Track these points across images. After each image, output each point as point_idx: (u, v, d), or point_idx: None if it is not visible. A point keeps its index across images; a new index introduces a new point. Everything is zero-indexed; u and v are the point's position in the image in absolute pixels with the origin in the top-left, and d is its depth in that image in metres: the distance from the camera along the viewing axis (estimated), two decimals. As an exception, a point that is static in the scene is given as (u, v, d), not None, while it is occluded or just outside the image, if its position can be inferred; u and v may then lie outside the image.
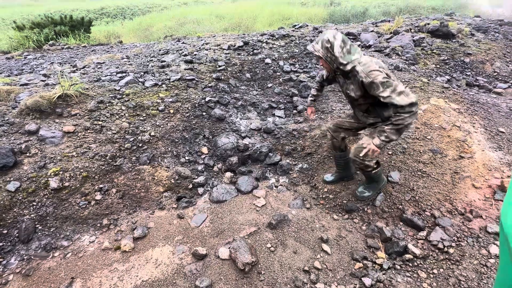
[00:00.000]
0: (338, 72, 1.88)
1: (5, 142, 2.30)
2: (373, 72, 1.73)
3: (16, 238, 1.92)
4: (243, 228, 2.13)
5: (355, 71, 1.79)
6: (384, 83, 1.71)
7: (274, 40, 4.86)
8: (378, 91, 1.73)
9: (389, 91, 1.70)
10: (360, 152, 1.95)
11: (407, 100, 1.68)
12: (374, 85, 1.72)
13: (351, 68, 1.80)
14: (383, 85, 1.71)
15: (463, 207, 2.14)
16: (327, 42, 1.78)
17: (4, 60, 5.80)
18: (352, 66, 1.79)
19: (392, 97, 1.70)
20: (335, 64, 1.83)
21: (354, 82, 1.85)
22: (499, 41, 5.29)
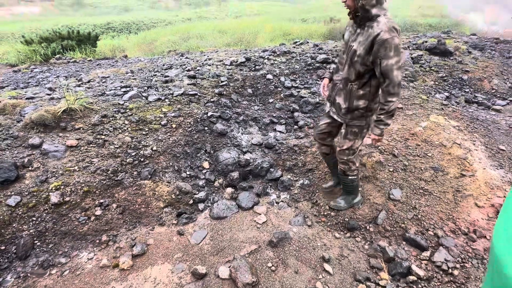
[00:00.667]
0: (359, 13, 1.62)
1: (8, 155, 2.32)
2: (394, 32, 1.55)
3: (13, 254, 1.90)
4: (243, 246, 2.10)
5: (376, 21, 1.59)
6: (397, 49, 1.56)
7: (276, 56, 4.97)
8: (387, 52, 1.54)
9: (395, 60, 1.57)
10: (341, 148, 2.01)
11: (399, 78, 1.61)
12: (387, 44, 1.54)
13: (374, 15, 1.59)
14: (395, 49, 1.55)
15: (466, 226, 2.11)
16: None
17: (11, 73, 5.92)
18: (378, 13, 1.59)
19: (395, 68, 1.58)
20: (361, 1, 1.57)
21: (365, 34, 1.64)
22: (496, 59, 5.40)
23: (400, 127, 3.10)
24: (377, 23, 1.59)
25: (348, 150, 2.04)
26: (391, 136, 2.96)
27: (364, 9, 1.59)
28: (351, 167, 2.12)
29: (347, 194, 2.35)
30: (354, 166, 2.12)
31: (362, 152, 2.77)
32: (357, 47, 1.69)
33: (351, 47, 1.73)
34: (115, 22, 17.51)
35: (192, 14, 21.96)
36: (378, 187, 2.49)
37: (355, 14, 1.66)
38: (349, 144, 2.01)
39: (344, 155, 2.07)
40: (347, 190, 2.32)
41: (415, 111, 3.33)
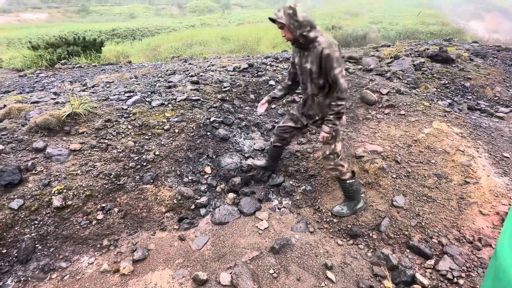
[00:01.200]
0: (301, 40, 1.88)
1: (12, 159, 2.34)
2: (333, 47, 1.86)
3: (14, 258, 1.89)
4: (245, 252, 2.08)
5: (316, 42, 1.87)
6: (339, 60, 1.85)
7: (278, 62, 5.01)
8: (331, 64, 1.84)
9: (339, 69, 1.86)
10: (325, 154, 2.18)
11: (345, 85, 1.89)
12: (330, 58, 1.83)
13: (314, 37, 1.86)
14: (337, 61, 1.84)
15: (471, 234, 2.09)
16: (289, 8, 1.81)
17: (17, 78, 6.01)
18: (316, 35, 1.86)
19: (339, 76, 1.86)
20: (298, 32, 1.83)
21: (312, 54, 1.91)
22: (498, 66, 5.40)
23: (402, 133, 3.09)
24: (318, 43, 1.88)
25: (332, 155, 2.18)
26: (393, 143, 2.96)
27: (303, 36, 1.87)
28: (342, 171, 2.20)
29: (349, 200, 2.35)
30: (344, 168, 2.21)
31: (365, 158, 2.76)
32: (311, 66, 1.97)
33: (306, 67, 2.01)
34: (120, 28, 17.81)
35: (196, 21, 22.30)
36: (381, 194, 2.48)
37: (298, 43, 1.93)
38: (331, 148, 2.16)
39: (330, 160, 2.20)
40: (348, 195, 2.33)
41: (418, 118, 3.33)
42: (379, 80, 4.30)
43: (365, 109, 3.71)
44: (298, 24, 1.82)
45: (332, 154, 2.16)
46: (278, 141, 2.53)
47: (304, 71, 2.04)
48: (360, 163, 2.75)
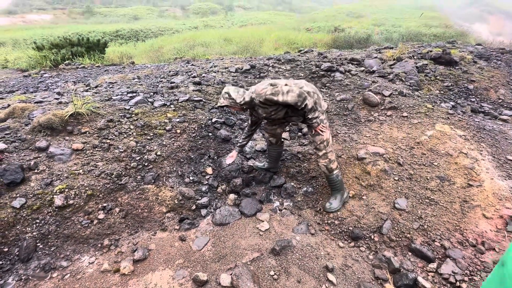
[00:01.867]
0: (245, 107, 2.28)
1: (15, 158, 2.35)
2: (262, 91, 2.13)
3: (16, 256, 1.90)
4: (245, 253, 2.07)
5: (253, 100, 2.22)
6: (274, 92, 2.08)
7: (280, 64, 5.02)
8: (274, 97, 2.07)
9: (280, 95, 2.06)
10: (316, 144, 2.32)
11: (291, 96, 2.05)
12: (268, 97, 2.09)
13: (250, 99, 2.21)
14: (274, 94, 2.08)
15: (474, 238, 2.06)
16: (225, 93, 2.24)
17: (21, 78, 6.06)
18: (250, 97, 2.20)
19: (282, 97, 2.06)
20: (238, 105, 2.23)
21: (257, 107, 2.24)
22: (502, 69, 5.36)
23: (405, 135, 3.07)
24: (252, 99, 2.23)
25: (322, 144, 2.29)
26: (396, 145, 2.94)
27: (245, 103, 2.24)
28: (331, 158, 2.32)
29: (336, 193, 2.44)
30: (332, 156, 2.34)
31: (367, 160, 2.75)
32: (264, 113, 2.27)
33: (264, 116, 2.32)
34: (124, 30, 17.95)
35: (199, 23, 22.42)
36: (383, 196, 2.46)
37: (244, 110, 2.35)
38: (320, 137, 2.27)
39: (320, 150, 2.31)
40: (335, 188, 2.42)
41: (421, 120, 3.31)
42: (382, 82, 4.28)
43: (368, 111, 3.69)
44: (234, 100, 2.21)
45: (322, 142, 2.28)
46: (270, 136, 2.63)
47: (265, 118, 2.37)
48: (362, 165, 2.73)
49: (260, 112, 2.27)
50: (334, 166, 2.33)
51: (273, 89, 2.08)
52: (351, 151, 2.92)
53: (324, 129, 2.25)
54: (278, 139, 2.66)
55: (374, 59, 5.24)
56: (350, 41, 12.75)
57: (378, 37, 13.72)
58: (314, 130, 2.25)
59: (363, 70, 4.83)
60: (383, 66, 5.02)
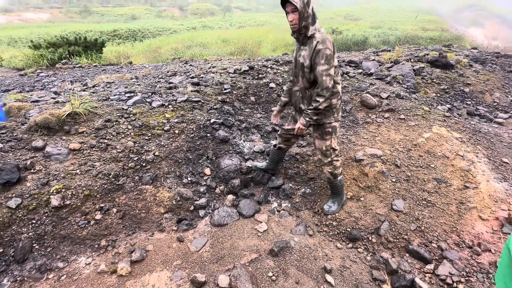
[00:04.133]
0: (302, 32, 1.93)
1: (11, 157, 2.32)
2: (327, 44, 1.88)
3: (11, 257, 1.87)
4: (244, 254, 2.07)
5: (313, 37, 1.92)
6: (327, 57, 1.87)
7: (279, 65, 5.03)
8: (318, 59, 1.87)
9: (325, 67, 1.88)
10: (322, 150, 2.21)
11: (328, 83, 1.90)
12: (320, 53, 1.87)
13: (312, 33, 1.91)
14: (326, 58, 1.86)
15: (470, 239, 2.08)
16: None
17: (17, 77, 6.00)
18: (314, 31, 1.91)
19: (324, 74, 1.88)
20: (304, 22, 1.87)
21: (308, 49, 1.95)
22: (497, 73, 5.44)
23: (402, 137, 3.10)
24: (314, 38, 1.92)
25: (328, 151, 2.21)
26: (393, 147, 2.96)
27: (307, 28, 1.91)
28: (336, 165, 2.26)
29: (336, 196, 2.44)
30: (338, 163, 2.27)
31: (365, 162, 2.77)
32: (304, 60, 2.00)
33: (299, 61, 2.06)
34: (122, 29, 17.87)
35: (197, 23, 22.41)
36: (380, 198, 2.47)
37: (299, 33, 1.96)
38: (327, 143, 2.19)
39: (327, 156, 2.23)
40: (336, 192, 2.40)
41: (418, 122, 3.34)
42: (379, 84, 4.31)
43: (365, 113, 3.72)
44: (307, 15, 1.86)
45: (329, 149, 2.20)
46: (282, 142, 2.57)
47: (297, 65, 2.08)
48: (360, 166, 2.75)
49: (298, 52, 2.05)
50: (338, 172, 2.29)
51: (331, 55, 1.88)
52: (349, 152, 2.94)
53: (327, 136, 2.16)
54: (289, 147, 2.62)
55: (372, 62, 5.29)
56: (348, 44, 12.84)
57: (376, 39, 13.84)
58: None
59: (360, 72, 4.87)
60: (380, 69, 5.06)
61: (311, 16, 1.88)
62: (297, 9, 1.85)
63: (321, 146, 2.21)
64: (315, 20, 1.92)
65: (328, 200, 2.49)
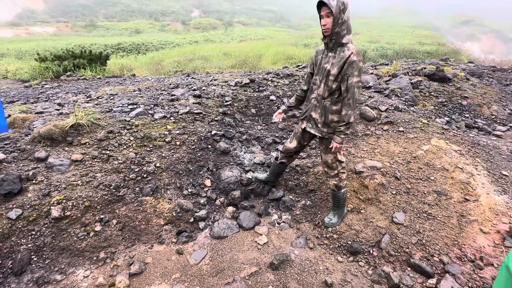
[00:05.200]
0: (334, 37, 1.88)
1: (14, 168, 2.35)
2: (360, 56, 1.88)
3: (9, 269, 1.86)
4: (243, 267, 2.05)
5: (346, 46, 1.89)
6: (360, 70, 1.88)
7: (279, 78, 5.13)
8: (352, 70, 1.86)
9: (358, 79, 1.88)
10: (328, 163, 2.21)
11: (358, 96, 1.93)
12: (355, 65, 1.85)
13: (345, 42, 1.88)
14: (359, 70, 1.87)
15: (472, 253, 2.06)
16: (342, 3, 1.79)
17: (22, 88, 6.11)
18: (347, 41, 1.89)
19: (356, 86, 1.89)
20: (337, 28, 1.83)
21: (337, 57, 1.92)
22: (494, 86, 5.53)
23: (401, 150, 3.12)
24: (347, 48, 1.89)
25: (334, 164, 2.23)
26: (393, 159, 2.98)
27: (338, 35, 1.87)
28: (342, 177, 2.27)
29: (338, 209, 2.43)
30: (344, 175, 2.28)
31: (364, 174, 2.78)
32: (331, 68, 1.96)
33: (325, 68, 2.00)
34: (126, 43, 18.32)
35: (199, 37, 22.97)
36: (381, 210, 2.47)
37: (331, 38, 1.91)
38: (333, 157, 2.20)
39: (332, 169, 2.25)
40: (338, 204, 2.40)
41: (416, 135, 3.37)
42: (378, 97, 4.38)
43: (364, 125, 3.76)
44: (342, 21, 1.82)
45: (335, 162, 2.21)
46: (284, 158, 2.59)
47: (321, 71, 2.03)
48: (360, 178, 2.75)
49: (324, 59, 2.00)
50: (343, 184, 2.30)
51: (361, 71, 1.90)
52: (349, 165, 2.96)
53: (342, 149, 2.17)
54: (291, 162, 2.64)
55: (370, 75, 5.39)
56: (347, 57, 13.04)
57: (374, 53, 14.12)
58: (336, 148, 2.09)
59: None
60: (379, 82, 5.16)
61: (346, 24, 1.85)
62: (332, 13, 1.80)
63: (327, 159, 2.22)
64: (350, 30, 1.89)
65: (329, 213, 2.48)
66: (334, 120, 2.07)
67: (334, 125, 2.09)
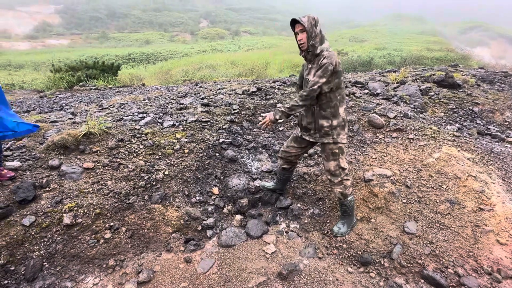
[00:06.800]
0: (310, 50, 2.02)
1: (29, 176, 2.42)
2: (331, 59, 1.96)
3: (22, 276, 1.89)
4: (251, 277, 2.02)
5: (321, 55, 2.01)
6: (325, 70, 1.95)
7: (286, 86, 5.17)
8: (318, 70, 1.97)
9: (318, 79, 1.96)
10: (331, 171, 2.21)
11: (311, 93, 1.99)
12: (322, 66, 1.96)
13: (320, 51, 2.01)
14: (324, 70, 1.95)
15: (489, 265, 1.98)
16: (313, 19, 1.98)
17: (37, 98, 6.34)
18: (322, 50, 2.01)
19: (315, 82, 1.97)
20: (311, 41, 1.99)
21: (316, 66, 2.03)
22: (506, 92, 5.41)
23: (412, 157, 3.07)
24: (322, 56, 2.02)
25: (338, 170, 2.22)
26: (403, 167, 2.93)
27: (314, 47, 2.02)
28: (346, 185, 2.24)
29: (346, 218, 2.39)
30: (348, 182, 2.26)
31: (374, 182, 2.73)
32: (311, 77, 2.06)
33: (308, 79, 2.12)
34: (136, 53, 18.86)
35: (207, 47, 23.45)
36: (391, 219, 2.42)
37: (307, 51, 2.06)
38: (335, 164, 2.21)
39: (335, 176, 2.23)
40: (346, 213, 2.37)
41: (427, 142, 3.32)
42: (386, 104, 4.35)
43: (373, 133, 3.72)
44: (315, 35, 1.98)
45: (338, 169, 2.21)
46: (285, 163, 2.61)
47: (305, 82, 2.16)
48: (369, 187, 2.71)
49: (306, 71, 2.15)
50: (349, 192, 2.28)
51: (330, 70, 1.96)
52: (357, 173, 2.92)
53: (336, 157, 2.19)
54: (293, 166, 2.65)
55: (378, 82, 5.37)
56: (354, 64, 13.09)
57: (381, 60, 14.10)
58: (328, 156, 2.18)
59: (367, 92, 4.93)
60: (386, 89, 5.12)
61: (319, 36, 2.01)
62: (305, 29, 1.98)
63: (329, 167, 2.24)
64: (323, 41, 2.03)
65: (338, 222, 2.45)
66: (324, 125, 2.15)
67: (324, 131, 2.16)
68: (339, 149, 2.19)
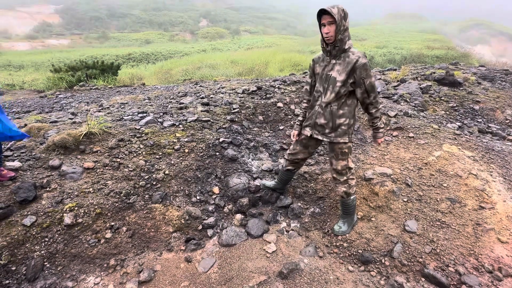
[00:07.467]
0: (338, 44, 1.91)
1: (29, 176, 2.42)
2: (366, 59, 1.93)
3: (23, 275, 1.90)
4: (252, 276, 2.02)
5: (350, 51, 1.93)
6: (369, 69, 1.94)
7: (286, 85, 5.16)
8: (367, 72, 1.92)
9: (373, 79, 1.96)
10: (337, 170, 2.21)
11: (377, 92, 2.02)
12: (366, 67, 1.90)
13: (348, 47, 1.93)
14: (367, 70, 1.93)
15: (490, 263, 1.98)
16: (342, 10, 1.83)
17: (37, 98, 6.35)
18: (349, 46, 1.94)
19: (373, 85, 1.97)
20: (340, 35, 1.86)
21: (342, 63, 1.95)
22: (507, 90, 5.39)
23: (412, 156, 3.06)
24: (352, 53, 1.94)
25: (344, 170, 2.21)
26: (403, 165, 2.92)
27: (342, 42, 1.91)
28: (351, 184, 2.24)
29: (347, 217, 2.38)
30: (353, 182, 2.26)
31: (374, 180, 2.73)
32: (337, 75, 1.99)
33: (330, 75, 2.03)
34: (136, 53, 18.85)
35: (207, 46, 23.43)
36: (392, 218, 2.41)
37: (334, 46, 1.94)
38: (343, 163, 2.19)
39: (342, 175, 2.23)
40: (348, 212, 2.36)
41: (427, 140, 3.31)
42: (387, 103, 4.34)
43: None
44: (344, 28, 1.86)
45: (345, 169, 2.20)
46: (290, 165, 2.58)
47: (325, 79, 2.05)
48: (369, 185, 2.71)
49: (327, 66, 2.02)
50: (352, 191, 2.26)
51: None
52: (358, 171, 2.92)
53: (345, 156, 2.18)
54: (297, 168, 2.60)
55: (378, 81, 5.35)
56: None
57: (381, 59, 14.06)
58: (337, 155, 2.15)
59: (367, 91, 4.91)
60: (387, 87, 5.11)
61: (348, 31, 1.91)
62: (334, 21, 1.82)
63: (337, 166, 2.20)
64: (350, 37, 1.95)
65: (338, 220, 2.44)
66: (342, 123, 2.09)
67: (341, 129, 2.10)
68: (349, 148, 2.16)
